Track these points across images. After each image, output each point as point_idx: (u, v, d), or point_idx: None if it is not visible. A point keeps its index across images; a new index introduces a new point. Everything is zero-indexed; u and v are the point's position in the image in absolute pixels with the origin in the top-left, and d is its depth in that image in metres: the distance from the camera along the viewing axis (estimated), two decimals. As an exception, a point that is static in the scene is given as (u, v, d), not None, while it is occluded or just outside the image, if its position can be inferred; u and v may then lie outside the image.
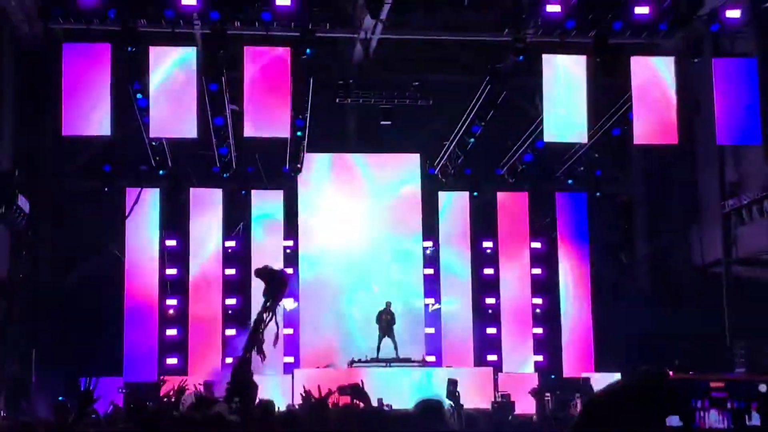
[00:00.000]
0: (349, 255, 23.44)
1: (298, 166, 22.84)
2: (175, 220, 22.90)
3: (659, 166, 24.22)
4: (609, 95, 22.18)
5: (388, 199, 23.87)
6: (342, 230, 23.47)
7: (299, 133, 21.54)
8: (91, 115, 19.43)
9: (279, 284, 17.75)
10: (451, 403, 17.28)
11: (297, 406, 18.17)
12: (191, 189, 22.99)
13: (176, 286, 22.77)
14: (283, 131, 20.62)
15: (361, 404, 8.20)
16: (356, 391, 8.33)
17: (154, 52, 19.74)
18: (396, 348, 21.97)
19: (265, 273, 18.30)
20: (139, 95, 20.00)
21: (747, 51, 21.23)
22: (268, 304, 16.59)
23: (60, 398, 19.61)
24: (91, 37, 19.50)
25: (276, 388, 19.70)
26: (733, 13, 20.15)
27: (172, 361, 22.37)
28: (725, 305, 22.14)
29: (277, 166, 22.89)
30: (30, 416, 17.84)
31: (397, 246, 23.77)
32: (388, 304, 22.39)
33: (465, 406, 18.01)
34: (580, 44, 20.91)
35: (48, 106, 20.92)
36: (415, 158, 24.04)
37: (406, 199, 23.93)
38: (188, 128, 20.02)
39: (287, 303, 22.90)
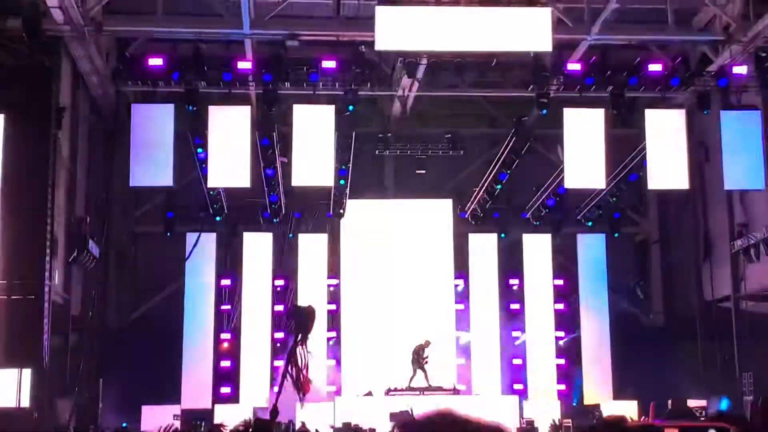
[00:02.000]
0: (387, 292, 23.99)
1: (341, 211, 23.57)
2: (229, 262, 23.62)
3: (673, 208, 24.76)
4: (626, 144, 22.84)
5: (422, 240, 24.45)
6: (381, 269, 24.06)
7: (342, 182, 22.31)
8: (156, 168, 20.25)
9: (306, 319, 18.41)
10: None
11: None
12: (244, 233, 23.73)
13: (230, 321, 23.43)
14: (327, 180, 21.33)
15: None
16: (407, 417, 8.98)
17: (212, 110, 20.57)
18: (427, 377, 22.33)
19: (291, 310, 19.02)
20: (199, 149, 20.85)
21: (752, 103, 21.77)
22: (298, 339, 17.26)
23: (123, 425, 20.44)
24: (157, 98, 20.39)
25: (319, 414, 20.42)
26: (740, 69, 20.70)
27: (225, 390, 22.98)
28: (734, 338, 22.59)
29: (322, 212, 23.63)
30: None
31: (430, 283, 24.31)
32: (428, 343, 22.61)
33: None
34: (598, 98, 21.60)
35: (117, 160, 21.78)
36: (447, 203, 24.69)
37: (439, 241, 24.53)
38: (242, 178, 20.79)
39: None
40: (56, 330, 18.76)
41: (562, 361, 24.34)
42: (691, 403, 19.41)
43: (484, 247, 24.70)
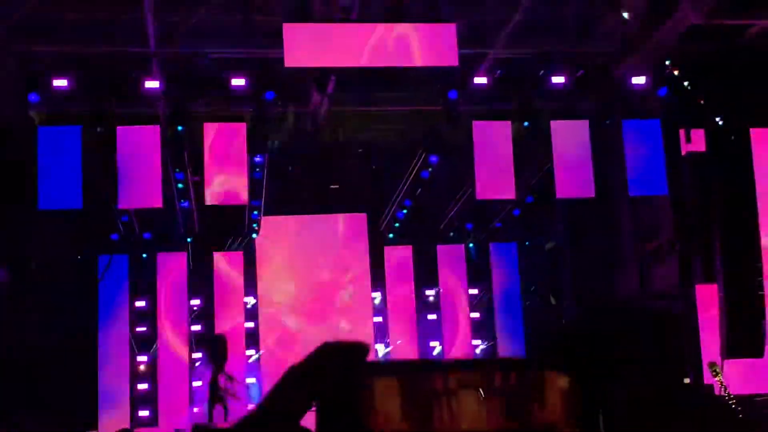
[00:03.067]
0: (305, 307, 23.85)
1: (256, 228, 23.31)
2: (143, 283, 23.12)
3: (582, 216, 25.12)
4: (534, 156, 23.12)
5: (338, 255, 24.39)
6: (297, 285, 23.93)
7: (255, 200, 22.06)
8: (65, 190, 19.72)
9: (220, 348, 18.22)
10: None
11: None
12: (158, 253, 23.28)
13: (146, 343, 22.94)
14: (241, 198, 21.09)
15: None
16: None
17: (120, 130, 20.14)
18: None
19: (203, 342, 18.76)
20: (107, 170, 20.36)
21: (652, 112, 22.26)
22: (216, 369, 17.06)
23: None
24: (64, 119, 19.87)
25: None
26: (639, 80, 21.17)
27: (144, 413, 22.49)
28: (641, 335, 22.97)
29: (237, 231, 23.33)
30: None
31: (347, 296, 24.24)
32: None
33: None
34: (506, 111, 21.82)
35: (26, 183, 21.10)
36: (362, 218, 24.66)
37: (355, 255, 24.48)
38: (153, 199, 20.38)
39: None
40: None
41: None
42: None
43: (400, 259, 24.74)
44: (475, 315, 24.72)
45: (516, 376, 3.41)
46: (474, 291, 24.94)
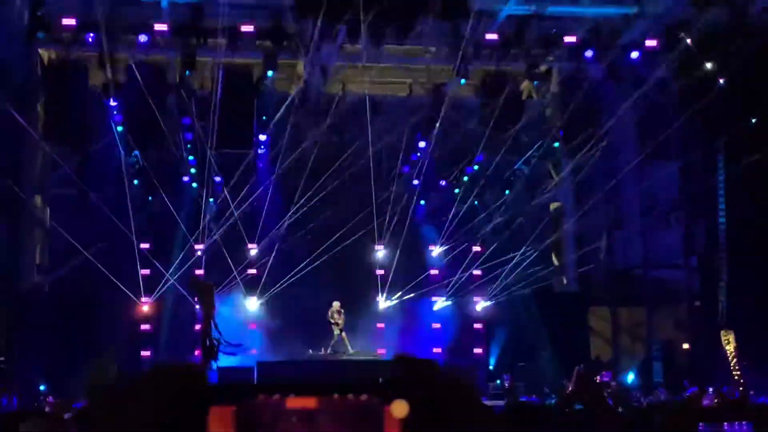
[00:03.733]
0: (311, 255, 23.71)
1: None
2: (148, 226, 23.08)
3: (587, 179, 24.85)
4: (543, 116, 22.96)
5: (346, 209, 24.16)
6: (303, 233, 23.72)
7: (262, 149, 21.99)
8: (71, 129, 19.80)
9: (206, 294, 18.16)
10: None
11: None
12: (163, 196, 23.22)
13: (150, 285, 22.96)
14: (247, 145, 21.09)
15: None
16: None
17: (129, 72, 20.14)
18: (345, 341, 22.35)
19: (191, 282, 18.63)
20: (115, 112, 20.38)
21: (664, 76, 21.95)
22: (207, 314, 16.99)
23: (41, 387, 20.12)
24: (71, 59, 19.86)
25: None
26: (651, 43, 20.88)
27: (145, 353, 22.60)
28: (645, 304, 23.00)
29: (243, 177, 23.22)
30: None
31: (354, 249, 24.13)
32: (337, 306, 22.49)
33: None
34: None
35: (32, 121, 21.15)
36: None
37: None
38: (160, 141, 20.46)
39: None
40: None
41: (479, 326, 24.42)
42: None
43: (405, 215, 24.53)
44: (478, 272, 24.60)
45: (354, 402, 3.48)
46: (477, 248, 24.80)
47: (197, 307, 20.10)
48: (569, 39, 20.94)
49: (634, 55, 21.32)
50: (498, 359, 23.91)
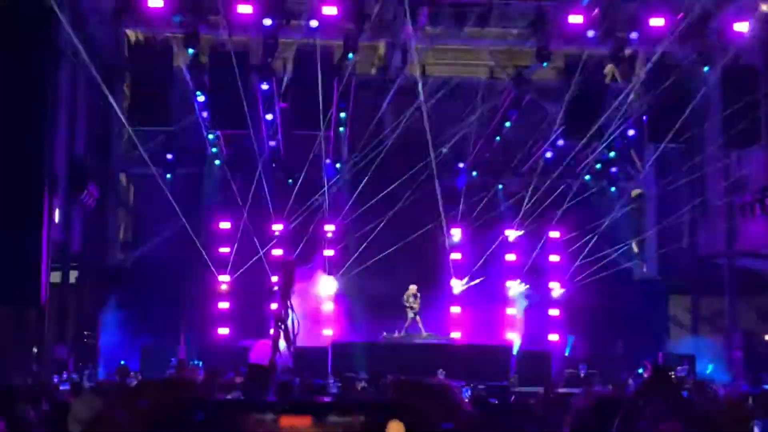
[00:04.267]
0: (386, 239, 23.66)
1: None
2: (228, 206, 23.29)
3: (670, 164, 24.34)
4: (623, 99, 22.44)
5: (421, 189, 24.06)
6: (379, 216, 23.65)
7: (342, 129, 21.98)
8: (155, 110, 20.04)
9: (288, 272, 18.11)
10: None
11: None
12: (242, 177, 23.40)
13: (229, 263, 23.19)
14: (325, 126, 21.08)
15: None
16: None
17: (212, 55, 20.27)
18: (419, 323, 22.34)
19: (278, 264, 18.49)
20: (198, 93, 20.57)
21: (753, 61, 21.32)
22: (285, 296, 16.90)
23: (122, 362, 20.48)
24: (157, 40, 20.08)
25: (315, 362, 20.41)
26: (741, 27, 20.23)
27: (223, 331, 22.91)
28: (727, 294, 22.44)
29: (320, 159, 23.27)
30: (95, 378, 18.58)
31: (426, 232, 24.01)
32: (414, 289, 22.53)
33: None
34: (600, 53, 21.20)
35: (118, 101, 21.47)
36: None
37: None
38: (240, 123, 20.56)
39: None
40: (56, 268, 18.72)
41: (556, 312, 24.14)
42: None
43: (482, 198, 24.35)
44: (556, 258, 24.26)
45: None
46: (555, 233, 24.45)
47: (275, 288, 20.22)
48: (656, 21, 20.37)
49: (722, 38, 20.67)
50: (574, 346, 23.58)
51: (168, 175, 22.83)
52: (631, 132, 22.77)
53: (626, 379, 18.83)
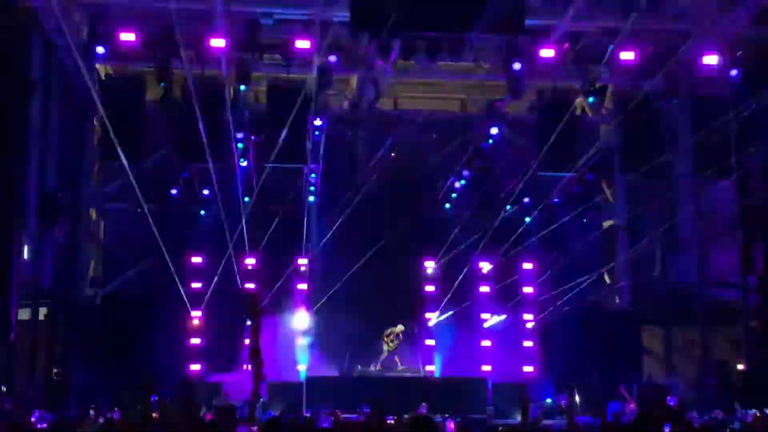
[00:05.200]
0: (359, 272, 23.56)
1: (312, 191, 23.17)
2: (200, 240, 23.08)
3: (641, 195, 24.50)
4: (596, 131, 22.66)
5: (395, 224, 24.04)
6: (353, 250, 23.57)
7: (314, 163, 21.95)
8: (127, 143, 19.81)
9: (251, 303, 17.95)
10: None
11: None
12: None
13: (200, 299, 22.93)
14: (301, 160, 21.05)
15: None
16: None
17: (185, 89, 20.14)
18: (397, 359, 22.27)
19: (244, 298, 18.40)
20: (171, 127, 20.43)
21: (722, 92, 21.57)
22: (252, 325, 16.73)
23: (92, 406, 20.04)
24: (129, 73, 19.94)
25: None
26: (710, 60, 20.49)
27: (195, 367, 22.56)
28: (699, 323, 22.56)
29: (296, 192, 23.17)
30: (69, 414, 18.17)
31: (401, 265, 23.99)
32: (402, 330, 22.63)
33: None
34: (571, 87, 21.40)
35: (90, 134, 21.29)
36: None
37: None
38: (216, 156, 20.45)
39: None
40: (25, 305, 18.38)
41: (530, 344, 24.10)
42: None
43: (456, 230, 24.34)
44: (529, 290, 24.26)
45: None
46: (528, 265, 24.49)
47: (248, 322, 20.04)
48: (625, 54, 20.58)
49: (693, 72, 20.90)
50: (550, 377, 23.52)
51: (139, 210, 22.56)
52: (602, 163, 22.83)
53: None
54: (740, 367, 22.70)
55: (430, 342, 23.81)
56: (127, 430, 10.34)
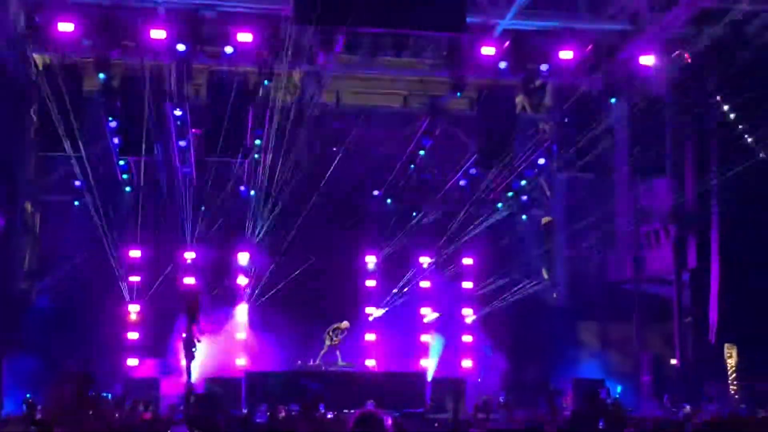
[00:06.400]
0: (301, 267, 23.51)
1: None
2: (138, 233, 22.75)
3: (579, 192, 24.81)
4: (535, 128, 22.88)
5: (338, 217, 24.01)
6: (294, 245, 23.49)
7: (257, 155, 21.78)
8: (65, 136, 19.49)
9: (192, 301, 17.81)
10: None
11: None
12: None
13: (139, 292, 22.65)
14: (241, 154, 20.90)
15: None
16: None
17: (125, 80, 19.87)
18: (338, 355, 22.28)
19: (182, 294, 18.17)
20: (110, 118, 20.11)
21: (658, 92, 21.93)
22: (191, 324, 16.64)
23: (28, 395, 19.70)
24: (67, 64, 19.55)
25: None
26: (647, 60, 20.81)
27: (132, 362, 22.28)
28: (635, 319, 22.93)
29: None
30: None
31: (342, 261, 23.99)
32: (346, 326, 22.50)
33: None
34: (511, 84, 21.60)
35: (26, 126, 20.84)
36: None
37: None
38: (152, 149, 20.21)
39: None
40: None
41: (469, 339, 24.28)
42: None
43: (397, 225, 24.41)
44: (468, 285, 24.43)
45: None
46: (468, 260, 24.65)
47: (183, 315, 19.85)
48: (565, 53, 20.82)
49: (629, 70, 21.21)
50: (486, 372, 23.71)
51: (76, 202, 22.24)
52: (541, 161, 23.07)
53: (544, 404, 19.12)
54: (673, 361, 23.16)
55: (370, 337, 23.84)
56: (50, 423, 10.16)
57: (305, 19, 18.34)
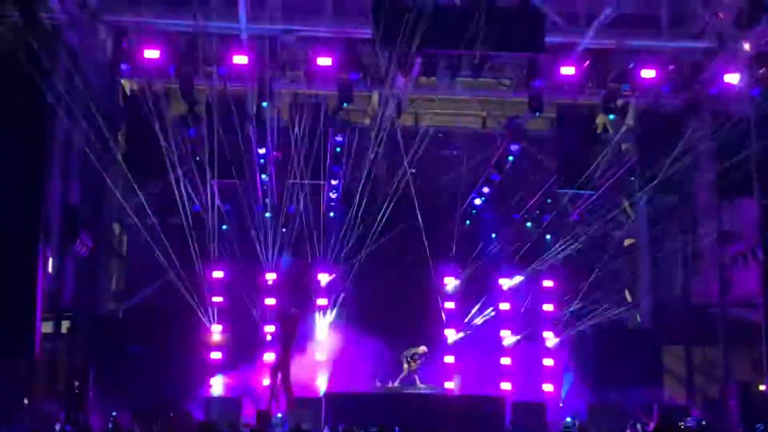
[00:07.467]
0: (381, 288, 23.51)
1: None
2: (220, 255, 23.05)
3: (663, 213, 24.33)
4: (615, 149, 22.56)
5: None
6: (373, 266, 23.49)
7: (335, 180, 21.96)
8: (151, 159, 19.95)
9: (291, 324, 17.89)
10: None
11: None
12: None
13: (222, 313, 22.90)
14: (321, 176, 21.10)
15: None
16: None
17: (208, 105, 20.25)
18: (417, 379, 22.24)
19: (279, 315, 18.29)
20: (193, 143, 20.52)
21: (743, 112, 21.39)
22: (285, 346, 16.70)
23: (113, 413, 20.08)
24: (153, 89, 20.04)
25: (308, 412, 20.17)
26: (732, 78, 20.31)
27: (215, 381, 22.52)
28: (721, 343, 22.33)
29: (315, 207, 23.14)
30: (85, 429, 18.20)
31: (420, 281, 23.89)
32: (424, 351, 22.53)
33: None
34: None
35: (113, 149, 21.31)
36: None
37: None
38: (238, 173, 20.54)
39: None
40: (48, 318, 18.45)
41: (551, 362, 23.90)
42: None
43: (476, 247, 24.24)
44: (549, 308, 24.09)
45: None
46: (549, 283, 24.32)
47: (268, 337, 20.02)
48: (647, 72, 20.47)
49: (713, 88, 20.75)
50: (568, 397, 23.31)
51: (162, 225, 22.62)
52: (622, 182, 22.70)
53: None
54: (762, 387, 22.43)
55: (449, 359, 23.67)
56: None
57: (388, 43, 18.42)
